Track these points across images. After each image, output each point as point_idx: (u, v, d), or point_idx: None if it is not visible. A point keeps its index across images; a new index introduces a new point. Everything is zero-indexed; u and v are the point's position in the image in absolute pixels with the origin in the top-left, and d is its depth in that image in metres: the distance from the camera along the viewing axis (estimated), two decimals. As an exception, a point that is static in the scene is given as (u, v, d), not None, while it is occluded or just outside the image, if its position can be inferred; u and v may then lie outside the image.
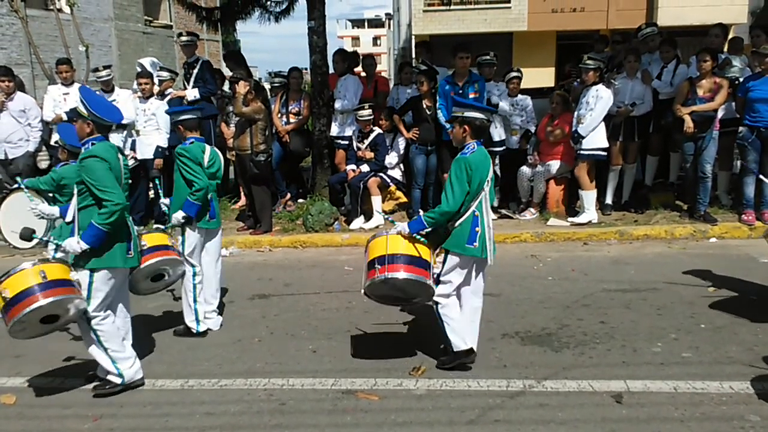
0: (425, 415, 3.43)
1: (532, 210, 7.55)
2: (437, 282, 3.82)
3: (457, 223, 3.73)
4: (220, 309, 4.96)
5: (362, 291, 3.90)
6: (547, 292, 5.32)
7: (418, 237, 3.82)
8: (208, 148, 4.67)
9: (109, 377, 3.79)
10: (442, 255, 3.83)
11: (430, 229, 3.82)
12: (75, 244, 3.52)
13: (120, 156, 3.76)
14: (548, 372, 3.87)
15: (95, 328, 3.68)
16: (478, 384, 3.74)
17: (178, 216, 4.48)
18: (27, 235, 3.66)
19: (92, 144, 3.67)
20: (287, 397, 3.69)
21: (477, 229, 3.72)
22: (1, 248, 7.37)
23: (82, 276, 3.60)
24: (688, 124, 6.66)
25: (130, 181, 3.90)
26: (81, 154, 3.66)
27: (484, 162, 3.75)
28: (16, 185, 7.14)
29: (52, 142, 7.90)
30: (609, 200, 7.52)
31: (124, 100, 7.82)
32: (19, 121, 7.79)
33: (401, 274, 3.71)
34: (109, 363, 3.74)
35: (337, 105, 7.88)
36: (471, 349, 3.90)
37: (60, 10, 13.76)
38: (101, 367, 3.79)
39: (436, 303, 3.85)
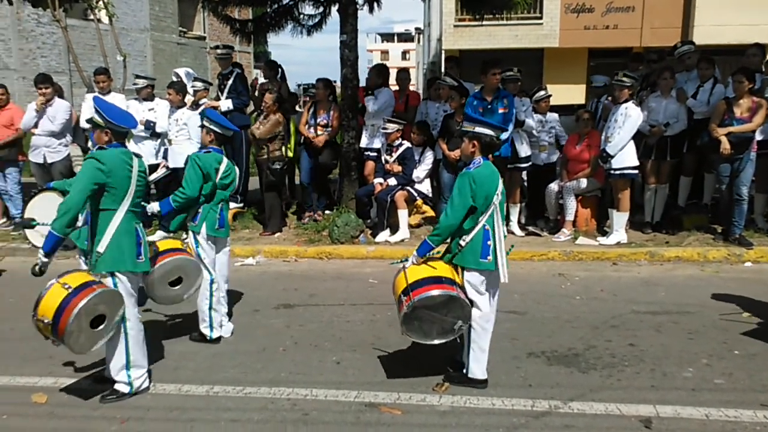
0: (448, 432, 3.40)
1: (566, 231, 7.33)
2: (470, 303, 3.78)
3: (468, 238, 3.71)
4: (228, 317, 4.97)
5: (401, 332, 3.83)
6: (574, 312, 5.25)
7: (432, 256, 3.82)
8: (225, 160, 4.69)
9: (117, 386, 3.82)
10: (460, 273, 3.81)
11: (437, 249, 3.82)
12: (41, 255, 3.58)
13: (135, 161, 3.77)
14: (574, 393, 3.80)
15: (129, 332, 3.75)
16: (502, 402, 3.70)
17: (153, 207, 4.48)
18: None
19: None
20: (310, 407, 3.70)
21: (489, 242, 3.70)
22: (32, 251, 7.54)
23: (107, 281, 3.68)
24: (725, 146, 6.53)
25: (145, 186, 3.91)
26: (87, 155, 3.72)
27: (491, 177, 3.72)
28: (46, 186, 7.33)
29: (89, 145, 8.09)
30: (648, 218, 7.42)
31: (163, 109, 7.99)
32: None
33: (428, 293, 3.67)
34: (123, 371, 3.79)
35: (369, 107, 7.81)
36: (486, 380, 3.88)
37: (99, 21, 14.12)
38: (111, 371, 3.81)
39: (471, 327, 3.81)
